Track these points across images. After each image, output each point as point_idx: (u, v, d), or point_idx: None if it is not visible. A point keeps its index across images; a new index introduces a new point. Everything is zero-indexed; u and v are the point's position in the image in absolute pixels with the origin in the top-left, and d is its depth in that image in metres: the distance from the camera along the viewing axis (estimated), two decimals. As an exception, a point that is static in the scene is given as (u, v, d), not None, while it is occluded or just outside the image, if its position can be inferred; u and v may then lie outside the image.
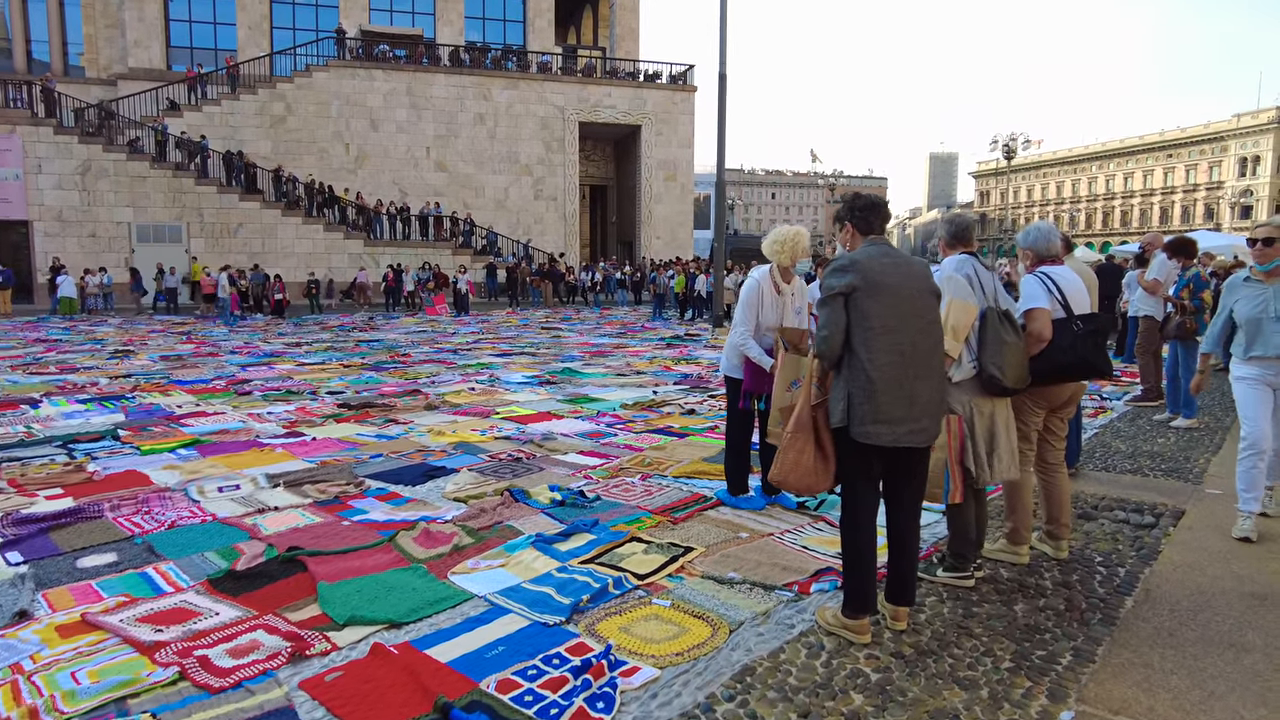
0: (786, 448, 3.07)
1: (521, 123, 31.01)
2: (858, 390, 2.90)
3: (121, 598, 3.55)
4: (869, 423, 2.88)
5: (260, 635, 3.15)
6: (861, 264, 2.93)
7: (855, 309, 2.91)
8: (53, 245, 25.19)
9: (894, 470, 3.05)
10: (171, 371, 11.18)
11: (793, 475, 3.06)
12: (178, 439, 6.70)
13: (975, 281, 3.50)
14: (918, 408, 2.90)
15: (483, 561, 3.85)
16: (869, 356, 2.87)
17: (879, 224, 3.14)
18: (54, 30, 31.84)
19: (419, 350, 14.02)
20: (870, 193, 3.17)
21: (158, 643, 3.08)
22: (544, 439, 6.64)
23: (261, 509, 4.80)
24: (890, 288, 2.91)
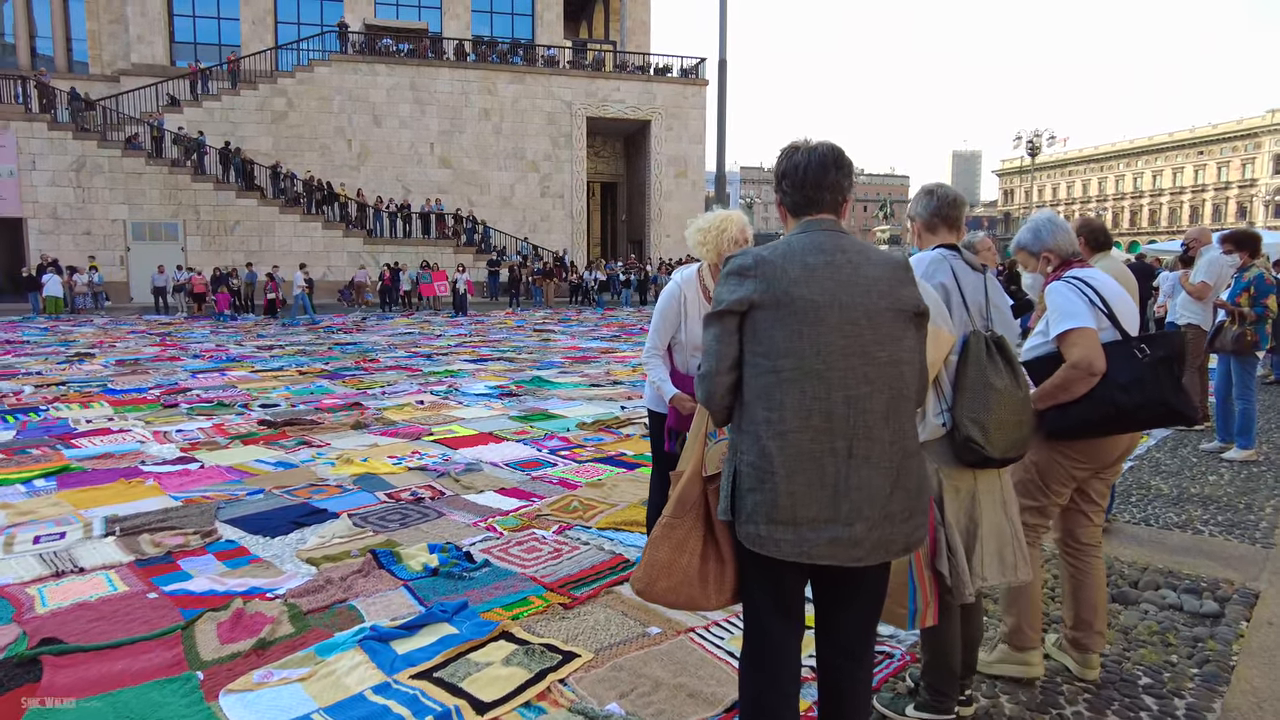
0: (659, 539, 2.00)
1: (528, 118, 30.04)
2: (747, 467, 1.82)
3: None
4: (761, 521, 1.80)
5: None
6: (769, 264, 1.83)
7: (753, 337, 1.83)
8: (47, 243, 24.63)
9: (823, 591, 1.97)
10: (115, 379, 10.30)
11: (663, 582, 1.98)
12: (42, 467, 5.73)
13: (954, 291, 2.39)
14: (851, 504, 1.79)
15: (277, 672, 2.79)
16: (768, 414, 1.80)
17: (827, 196, 1.93)
18: (58, 26, 31.41)
19: (392, 355, 13.06)
20: (821, 145, 1.98)
21: None
22: (465, 470, 5.58)
23: (62, 571, 3.80)
24: (814, 305, 1.79)
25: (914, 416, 1.93)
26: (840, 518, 1.79)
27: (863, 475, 1.80)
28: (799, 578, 1.92)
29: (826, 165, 1.96)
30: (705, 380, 1.88)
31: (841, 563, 1.81)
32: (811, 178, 1.95)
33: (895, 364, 1.86)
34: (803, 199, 1.97)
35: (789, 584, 1.91)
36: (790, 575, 1.89)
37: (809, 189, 1.95)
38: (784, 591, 1.92)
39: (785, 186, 2.00)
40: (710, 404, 1.90)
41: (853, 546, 1.79)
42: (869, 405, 1.81)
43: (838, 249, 1.88)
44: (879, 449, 1.82)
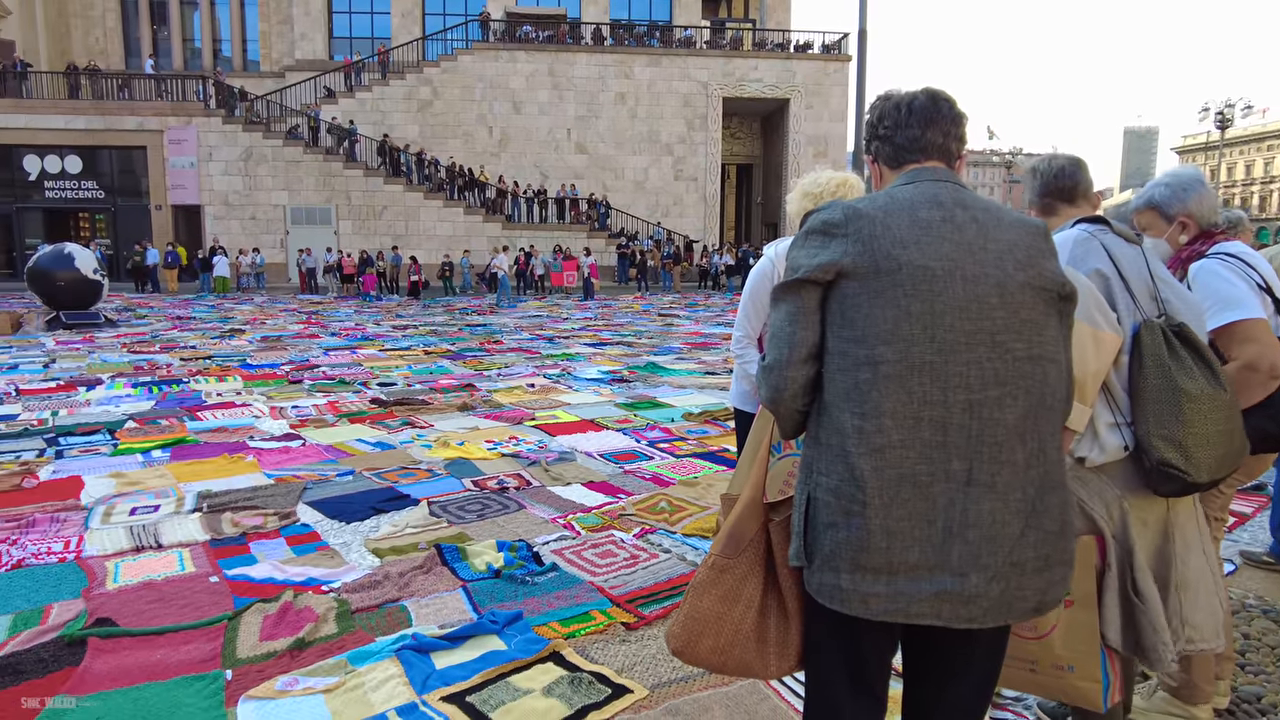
0: (705, 586, 1.54)
1: (663, 100, 29.70)
2: (827, 495, 1.35)
3: None
4: (844, 568, 1.33)
5: None
6: (866, 218, 1.35)
7: (841, 316, 1.35)
8: (220, 227, 26.75)
9: (919, 660, 1.48)
10: (254, 354, 10.84)
11: (708, 640, 1.53)
12: (163, 438, 5.94)
13: (1114, 276, 1.79)
14: (966, 547, 1.30)
15: (303, 679, 2.56)
16: (859, 423, 1.31)
17: (939, 138, 1.47)
18: (235, 29, 34.00)
19: (516, 337, 13.11)
20: (926, 88, 1.50)
21: None
22: (557, 459, 5.29)
23: (142, 546, 3.78)
24: (928, 274, 1.31)
25: (1059, 433, 1.39)
26: (950, 565, 1.30)
27: (984, 509, 1.30)
28: (887, 642, 1.44)
29: (937, 101, 1.48)
30: (772, 374, 1.40)
31: (950, 623, 1.32)
32: (918, 115, 1.47)
33: (1036, 360, 1.34)
34: (907, 141, 1.48)
35: (873, 651, 1.43)
36: (876, 639, 1.41)
37: (914, 127, 1.47)
38: (865, 660, 1.43)
39: (883, 131, 1.52)
40: (777, 406, 1.42)
41: (966, 604, 1.31)
42: (999, 414, 1.31)
43: (958, 203, 1.38)
44: (1009, 474, 1.31)
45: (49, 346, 11.63)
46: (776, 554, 1.51)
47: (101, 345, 11.77)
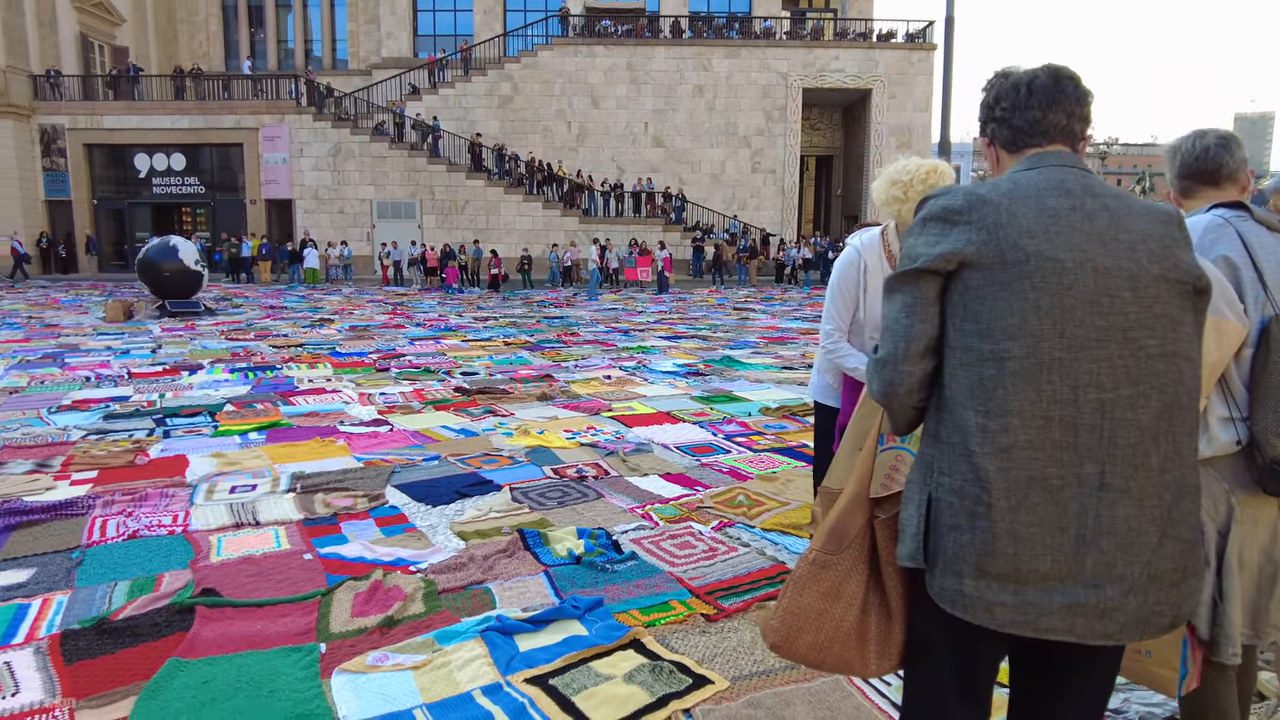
0: (805, 581, 1.51)
1: (741, 92, 29.42)
2: (949, 495, 1.30)
3: (-43, 645, 2.79)
4: (968, 573, 1.28)
5: (8, 750, 2.19)
6: (990, 205, 1.29)
7: (963, 308, 1.30)
8: (310, 221, 27.83)
9: (1033, 671, 1.43)
10: (343, 343, 11.24)
11: (807, 636, 1.49)
12: (259, 421, 6.23)
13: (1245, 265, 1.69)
14: (1100, 556, 1.25)
15: (392, 655, 2.64)
16: (984, 421, 1.26)
17: (1063, 119, 1.39)
18: (325, 30, 35.22)
19: (593, 329, 13.23)
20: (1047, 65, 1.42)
21: (-112, 740, 2.22)
22: (634, 450, 5.32)
23: (242, 523, 3.98)
24: (1057, 265, 1.25)
25: (1195, 435, 1.32)
26: (1084, 575, 1.24)
27: (1119, 515, 1.24)
28: (1002, 649, 1.39)
29: (1060, 80, 1.39)
30: (886, 368, 1.36)
31: (1082, 639, 1.26)
32: (1040, 95, 1.39)
33: (1171, 358, 1.27)
34: (1026, 124, 1.41)
35: (986, 657, 1.38)
36: (990, 645, 1.35)
37: (1035, 109, 1.40)
38: (977, 666, 1.38)
39: (1000, 112, 1.44)
40: (890, 401, 1.38)
41: (1101, 617, 1.25)
42: (1132, 415, 1.25)
43: (1087, 191, 1.32)
44: (1144, 479, 1.25)
45: (156, 333, 12.33)
46: (881, 551, 1.47)
47: (201, 332, 12.40)
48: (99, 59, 31.17)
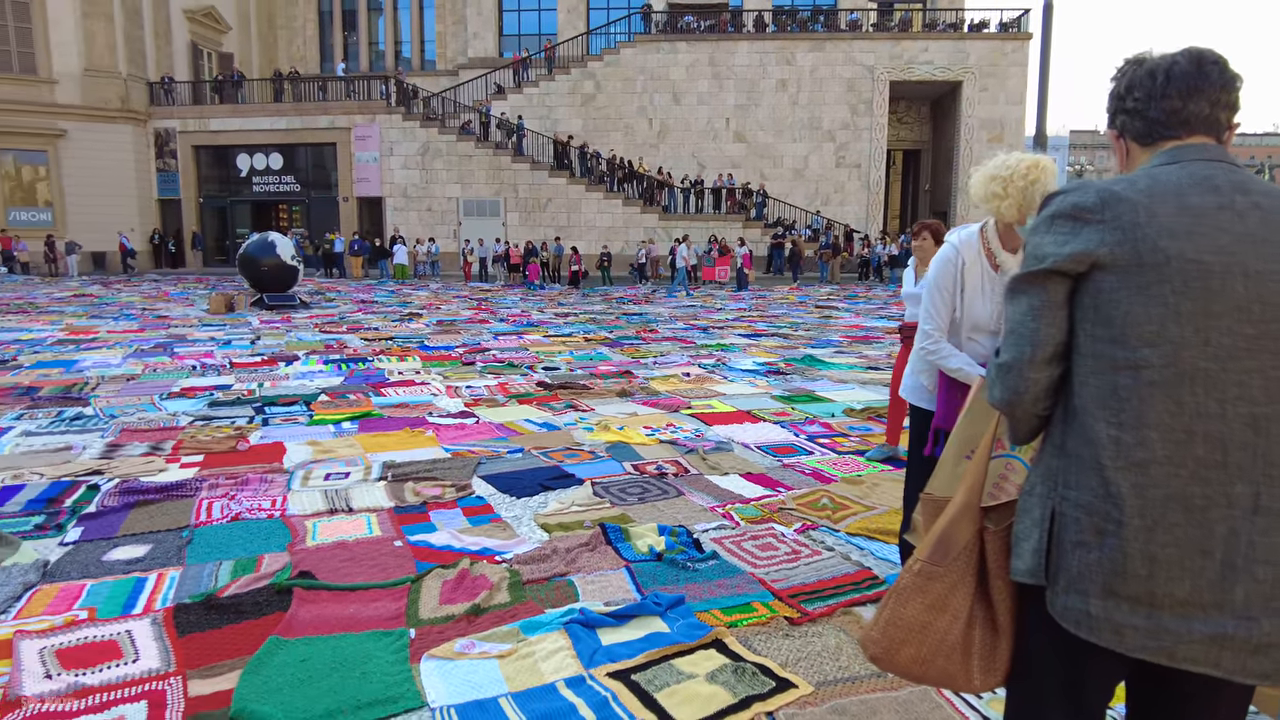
0: (909, 592, 1.45)
1: (826, 86, 28.88)
2: (1076, 510, 1.24)
3: (82, 612, 2.99)
4: (1094, 592, 1.21)
5: (126, 713, 2.34)
6: (1126, 203, 1.22)
7: (1094, 312, 1.23)
8: (399, 218, 28.72)
9: (1154, 699, 1.35)
10: (431, 337, 11.57)
11: (909, 649, 1.44)
12: (351, 411, 6.46)
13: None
14: (1254, 585, 1.17)
15: (479, 644, 2.70)
16: (1117, 433, 1.20)
17: (1205, 109, 1.29)
18: (414, 32, 36.28)
19: (671, 326, 13.23)
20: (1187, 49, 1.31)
21: (20, 699, 2.39)
22: (714, 449, 5.29)
23: (336, 509, 4.14)
24: (1203, 269, 1.18)
25: None
26: (1233, 605, 1.16)
27: (1277, 542, 1.16)
28: (1119, 672, 1.31)
29: (1202, 65, 1.28)
30: (1009, 374, 1.29)
31: (1230, 674, 1.18)
32: (1179, 83, 1.28)
33: None
34: (1164, 115, 1.30)
35: (1102, 680, 1.31)
36: (1108, 667, 1.29)
37: (1174, 98, 1.29)
38: (1091, 689, 1.32)
39: (1133, 103, 1.34)
40: (1014, 408, 1.31)
41: (1255, 653, 1.16)
42: None
43: (1237, 187, 1.22)
44: None
45: (255, 325, 12.95)
46: (991, 564, 1.41)
47: (297, 325, 12.95)
48: (207, 65, 32.90)
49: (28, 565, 3.41)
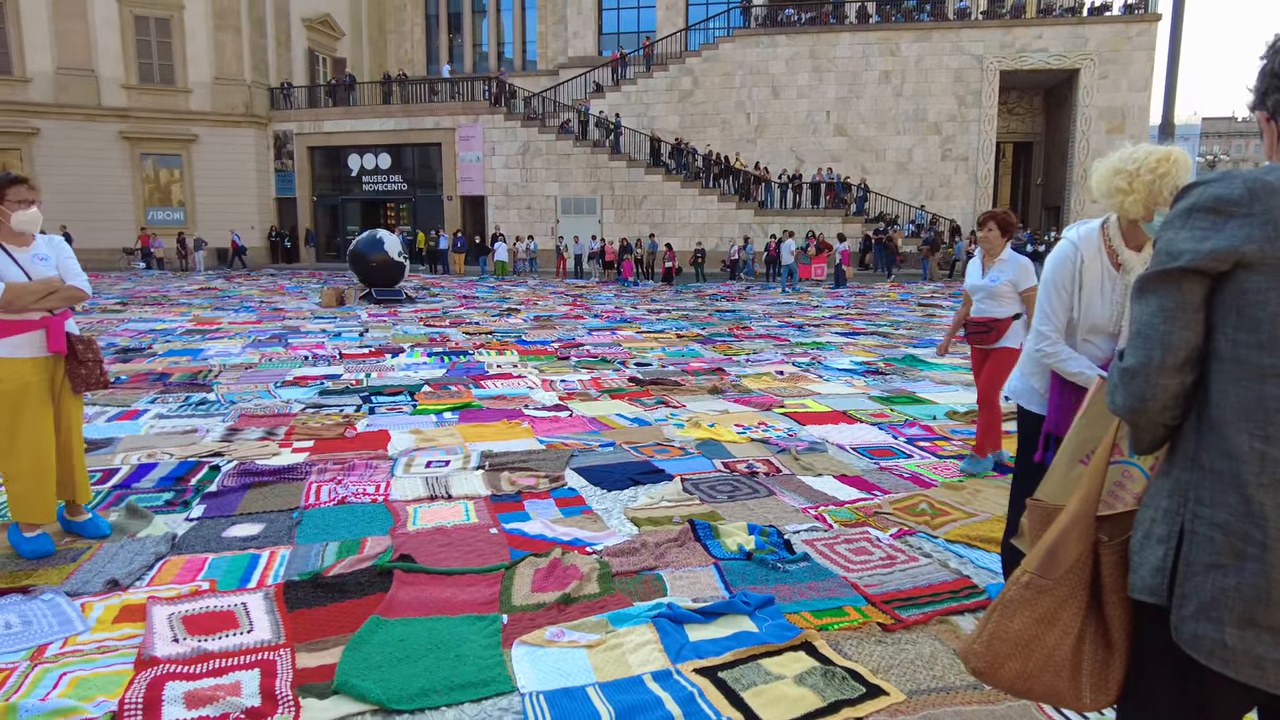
0: (1016, 604, 1.38)
1: (931, 77, 27.90)
2: (1210, 530, 1.16)
3: (204, 583, 3.20)
4: (1229, 621, 1.13)
5: (242, 679, 2.48)
6: (1277, 195, 1.12)
7: (1237, 315, 1.14)
8: (500, 216, 29.48)
9: None
10: (528, 332, 11.82)
11: (1015, 664, 1.36)
12: (452, 402, 6.67)
13: None
14: None
15: (569, 632, 2.74)
16: (1262, 448, 1.11)
17: None
18: (516, 33, 37.11)
19: (765, 323, 13.08)
20: None
21: (154, 659, 2.58)
22: (808, 449, 5.20)
23: (435, 495, 4.28)
24: None
25: None
26: None
27: None
28: (1245, 705, 1.22)
29: None
30: (1136, 380, 1.20)
31: None
32: None
33: None
34: None
35: (1227, 711, 1.22)
36: (1235, 700, 1.19)
37: None
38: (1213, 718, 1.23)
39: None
40: (1138, 417, 1.22)
41: None
42: None
43: None
44: None
45: (363, 318, 13.55)
46: (1106, 579, 1.32)
47: (403, 319, 13.48)
48: (322, 70, 34.60)
49: (159, 537, 3.68)
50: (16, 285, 3.31)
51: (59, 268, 3.50)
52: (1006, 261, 4.52)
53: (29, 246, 3.45)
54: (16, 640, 2.74)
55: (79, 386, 3.56)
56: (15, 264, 3.36)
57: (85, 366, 3.56)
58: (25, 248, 3.44)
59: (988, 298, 4.59)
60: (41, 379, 3.45)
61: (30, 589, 3.11)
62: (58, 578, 3.23)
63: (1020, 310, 4.52)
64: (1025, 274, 4.45)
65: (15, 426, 3.37)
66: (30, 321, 3.39)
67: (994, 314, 4.56)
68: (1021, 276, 4.45)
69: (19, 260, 3.38)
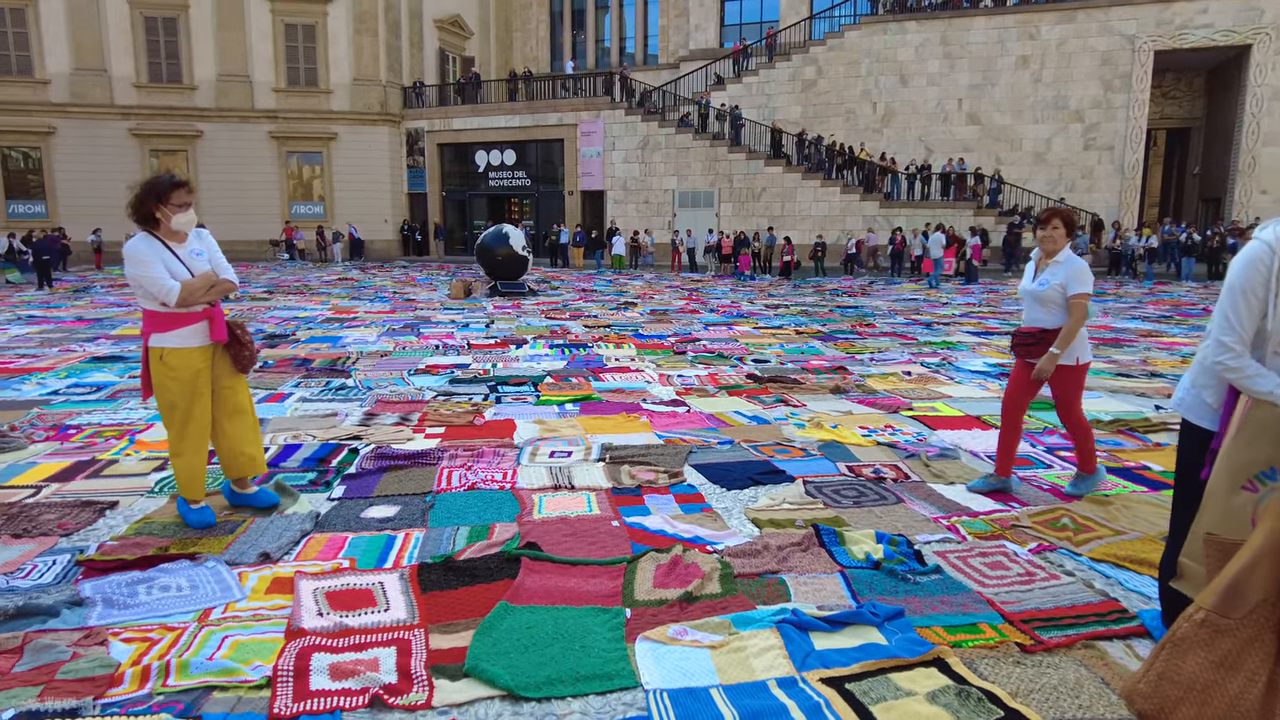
0: (1190, 644, 1.28)
1: (1075, 60, 26.13)
2: None
3: (345, 562, 3.39)
4: None
5: (380, 655, 2.61)
6: None
7: None
8: (618, 211, 29.81)
9: None
10: (645, 325, 11.91)
11: (1187, 709, 1.26)
12: (573, 393, 6.79)
13: None
14: None
15: (692, 631, 2.73)
16: None
17: None
18: (638, 27, 37.34)
19: (890, 320, 12.65)
20: None
21: (301, 630, 2.76)
22: (939, 455, 4.98)
23: (559, 485, 4.37)
24: None
25: None
26: None
27: None
28: None
29: None
30: None
31: None
32: None
33: None
34: None
35: None
36: None
37: None
38: None
39: None
40: None
41: None
42: None
43: None
44: None
45: (489, 310, 14.02)
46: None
47: (526, 311, 13.85)
48: (451, 69, 35.95)
49: (304, 515, 3.93)
50: (189, 282, 3.61)
51: (210, 261, 3.79)
52: (1061, 264, 4.01)
53: (185, 243, 3.74)
54: (187, 602, 2.99)
55: (245, 367, 3.88)
56: (181, 262, 3.66)
57: (247, 349, 3.86)
58: (182, 244, 3.73)
59: (1037, 304, 4.09)
60: (207, 365, 3.75)
61: (196, 556, 3.39)
62: (218, 548, 3.50)
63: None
64: (1077, 278, 3.95)
65: (190, 410, 3.68)
66: (195, 314, 3.68)
67: (1043, 323, 4.07)
68: (1072, 280, 3.94)
69: (181, 257, 3.68)
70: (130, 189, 3.67)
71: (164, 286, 3.54)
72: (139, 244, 3.59)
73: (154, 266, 3.55)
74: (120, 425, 5.73)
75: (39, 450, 5.08)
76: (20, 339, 10.43)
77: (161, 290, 3.54)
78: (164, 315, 3.63)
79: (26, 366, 8.21)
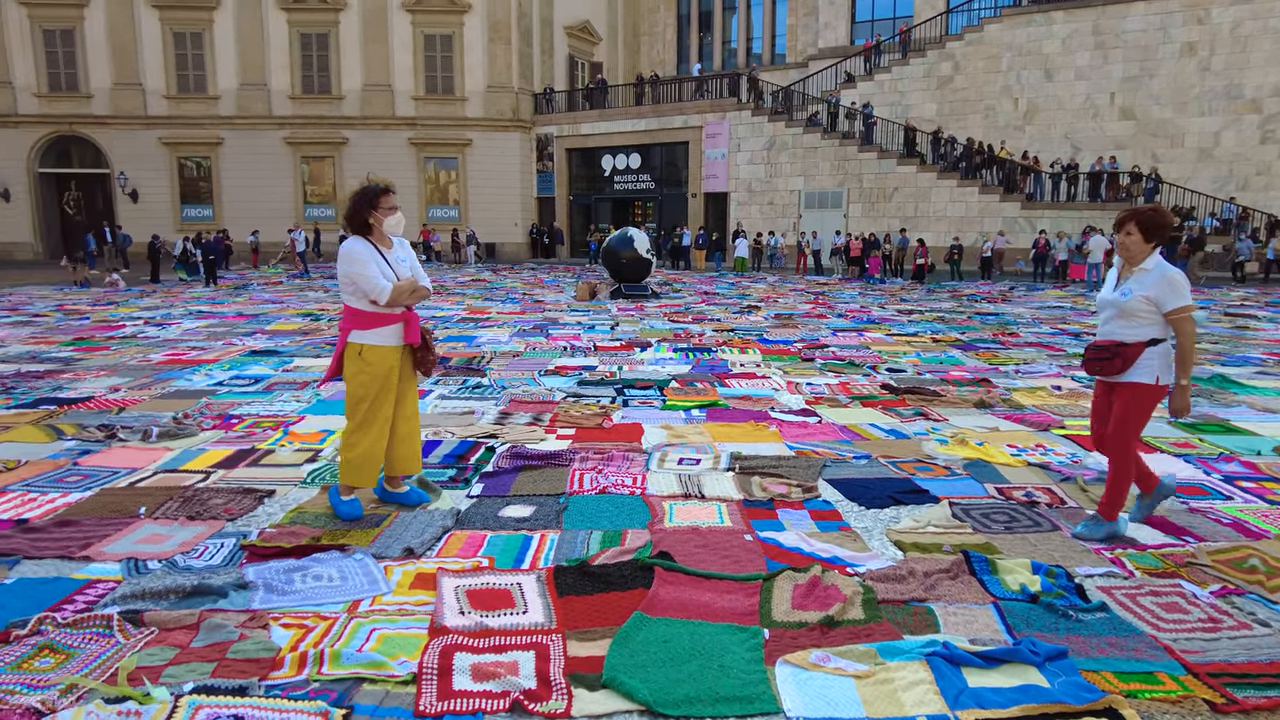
0: None
1: (1251, 45, 23.78)
2: None
3: (484, 560, 3.47)
4: None
5: (519, 659, 2.64)
6: None
7: None
8: (741, 212, 29.56)
9: None
10: (770, 330, 11.71)
11: None
12: (699, 399, 6.74)
13: None
14: None
15: (835, 659, 2.61)
16: None
17: None
18: (765, 27, 36.89)
19: (1035, 330, 11.90)
20: None
21: (444, 628, 2.83)
22: (1096, 479, 4.60)
23: (689, 494, 4.33)
24: None
25: None
26: None
27: None
28: None
29: None
30: None
31: None
32: None
33: None
34: None
35: None
36: None
37: None
38: None
39: None
40: None
41: None
42: None
43: None
44: None
45: (614, 312, 14.17)
46: None
47: (649, 314, 13.91)
48: (580, 75, 36.70)
49: (446, 511, 4.06)
50: (400, 284, 3.82)
51: (411, 269, 3.97)
52: (1149, 272, 3.54)
53: (392, 249, 3.94)
54: (337, 593, 3.14)
55: (428, 371, 4.12)
56: (390, 266, 3.86)
57: (432, 353, 4.06)
58: (390, 250, 3.93)
59: (1117, 316, 3.61)
60: (399, 364, 3.94)
61: (346, 548, 3.55)
62: (365, 540, 3.66)
63: (1160, 335, 3.54)
64: (1173, 291, 3.48)
65: (378, 404, 3.88)
66: (395, 315, 3.89)
67: (1121, 337, 3.60)
68: (1168, 294, 3.48)
69: (390, 261, 3.88)
70: (340, 204, 3.94)
71: (378, 285, 3.75)
72: (356, 244, 3.82)
73: (369, 266, 3.77)
74: (276, 416, 6.13)
75: (208, 438, 5.50)
76: (191, 332, 11.40)
77: (375, 289, 3.76)
78: (368, 314, 3.84)
79: (196, 359, 8.95)
